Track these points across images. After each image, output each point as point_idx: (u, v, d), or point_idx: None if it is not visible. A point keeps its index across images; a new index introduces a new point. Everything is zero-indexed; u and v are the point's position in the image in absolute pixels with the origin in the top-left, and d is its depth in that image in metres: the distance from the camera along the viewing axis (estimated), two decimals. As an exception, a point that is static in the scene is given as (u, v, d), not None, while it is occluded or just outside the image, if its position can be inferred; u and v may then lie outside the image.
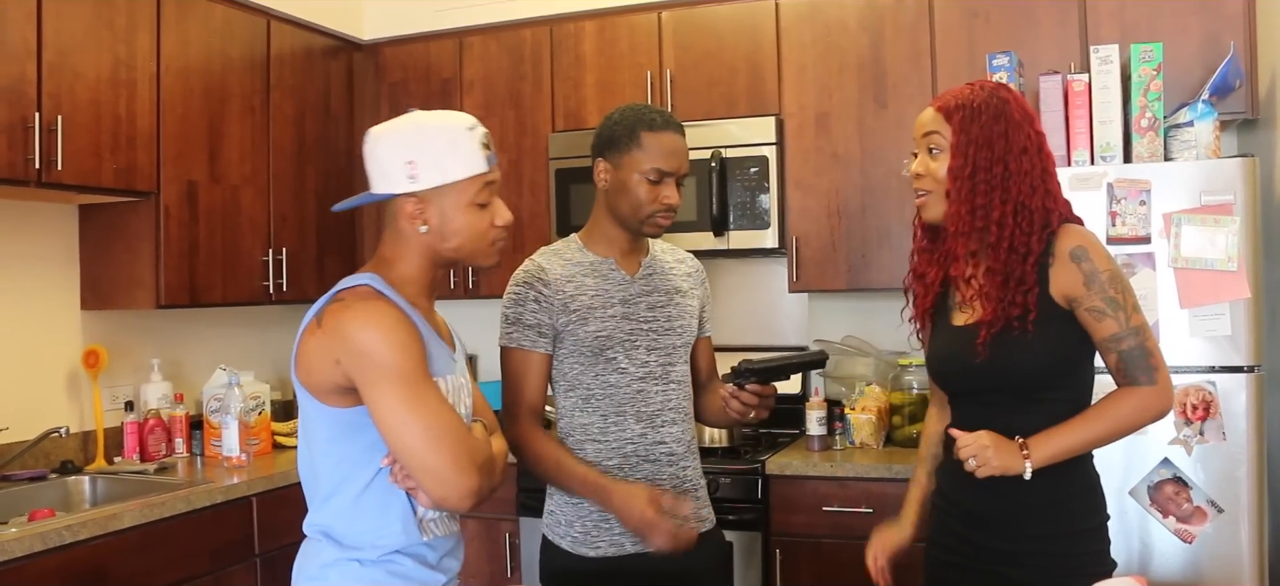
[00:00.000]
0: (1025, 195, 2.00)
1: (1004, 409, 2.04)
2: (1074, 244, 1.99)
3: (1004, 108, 2.02)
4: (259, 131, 3.83)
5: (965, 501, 2.11)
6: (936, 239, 2.15)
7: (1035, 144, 2.04)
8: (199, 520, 3.12)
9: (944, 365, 2.18)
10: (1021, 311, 1.98)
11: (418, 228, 1.83)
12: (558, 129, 4.09)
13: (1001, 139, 2.01)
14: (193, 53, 3.58)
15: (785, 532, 3.45)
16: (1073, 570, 1.97)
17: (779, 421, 3.97)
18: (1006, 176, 1.99)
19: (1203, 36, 3.30)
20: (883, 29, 3.68)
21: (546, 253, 2.38)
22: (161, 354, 3.83)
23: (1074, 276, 1.98)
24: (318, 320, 1.78)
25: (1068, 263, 1.98)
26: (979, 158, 2.00)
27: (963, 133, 2.02)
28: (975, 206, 2.00)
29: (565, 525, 2.33)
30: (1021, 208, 2.00)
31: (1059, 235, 2.01)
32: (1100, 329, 1.98)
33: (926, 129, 2.09)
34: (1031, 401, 2.03)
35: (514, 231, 4.13)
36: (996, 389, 2.05)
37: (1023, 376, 2.01)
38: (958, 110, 2.03)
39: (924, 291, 2.19)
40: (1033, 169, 2.01)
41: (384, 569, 1.82)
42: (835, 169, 3.75)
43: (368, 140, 1.85)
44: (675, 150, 2.30)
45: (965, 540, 2.12)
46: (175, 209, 3.51)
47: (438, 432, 1.71)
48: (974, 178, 2.00)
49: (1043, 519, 2.02)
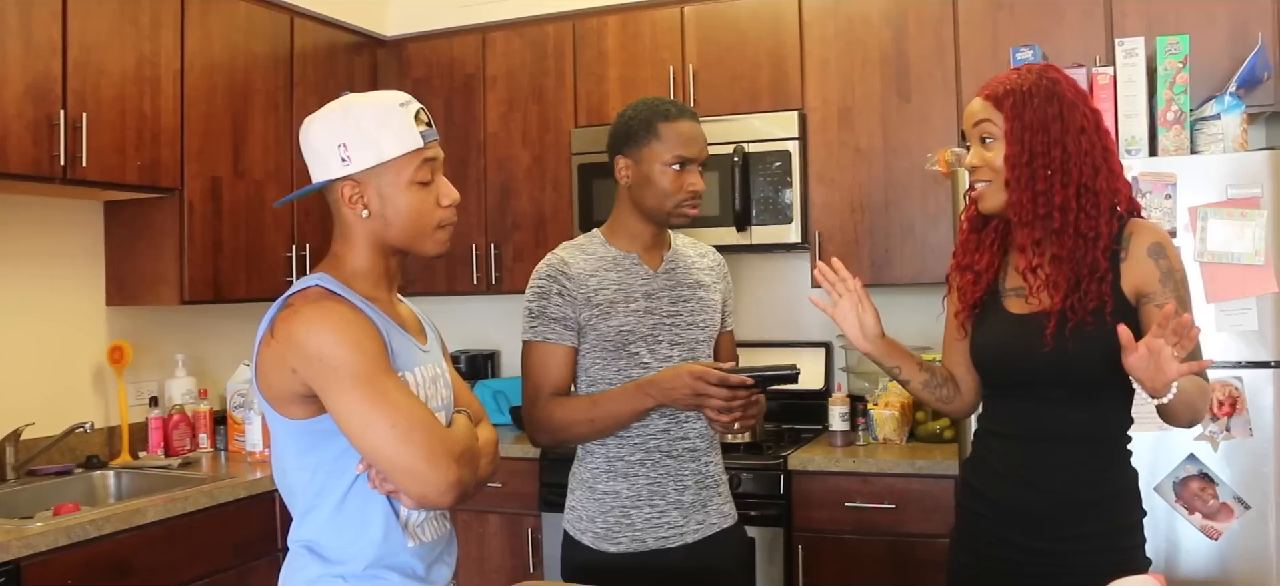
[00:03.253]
0: (1088, 177, 1.92)
1: (1060, 403, 1.97)
2: (1152, 241, 1.93)
3: (1055, 89, 1.95)
4: (283, 127, 3.85)
5: (1005, 500, 2.03)
6: (985, 227, 2.09)
7: (1093, 123, 1.96)
8: (222, 514, 3.14)
9: (1001, 355, 2.06)
10: (1098, 303, 1.91)
11: (359, 213, 1.75)
12: (580, 124, 4.09)
13: (1057, 121, 1.93)
14: (216, 49, 3.60)
15: (808, 528, 3.44)
16: (1114, 567, 1.86)
17: (802, 416, 3.98)
18: (1066, 159, 1.92)
19: (1230, 28, 3.27)
20: (906, 22, 3.66)
21: (569, 247, 2.37)
22: (186, 349, 3.85)
23: (1151, 272, 1.92)
24: (270, 330, 1.70)
25: (1144, 258, 1.92)
26: (1035, 143, 1.93)
27: (1016, 119, 1.94)
28: (1036, 193, 1.93)
29: (587, 520, 2.32)
30: (1085, 190, 1.92)
31: (1134, 231, 1.95)
32: None
33: (977, 118, 2.01)
34: (1088, 397, 1.96)
35: (537, 227, 4.17)
36: (1059, 382, 1.96)
37: (1094, 370, 1.92)
38: (1007, 96, 1.96)
39: (974, 281, 2.10)
40: (1094, 149, 1.94)
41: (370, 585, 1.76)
42: (858, 163, 3.73)
43: (302, 130, 1.79)
44: (694, 136, 2.30)
45: (1002, 541, 2.03)
46: (199, 205, 3.53)
47: (405, 428, 1.63)
48: (1032, 164, 1.93)
49: (1086, 516, 1.95)
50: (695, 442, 2.35)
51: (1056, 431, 1.97)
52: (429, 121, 1.79)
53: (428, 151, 1.76)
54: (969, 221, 2.12)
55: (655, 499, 2.30)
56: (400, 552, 1.77)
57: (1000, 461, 2.04)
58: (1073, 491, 1.95)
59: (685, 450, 2.33)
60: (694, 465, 2.35)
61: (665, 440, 2.31)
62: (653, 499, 2.30)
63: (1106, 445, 1.99)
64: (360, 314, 1.71)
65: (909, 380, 2.18)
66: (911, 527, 3.34)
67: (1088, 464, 1.97)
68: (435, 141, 1.79)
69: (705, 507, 2.35)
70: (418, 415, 1.66)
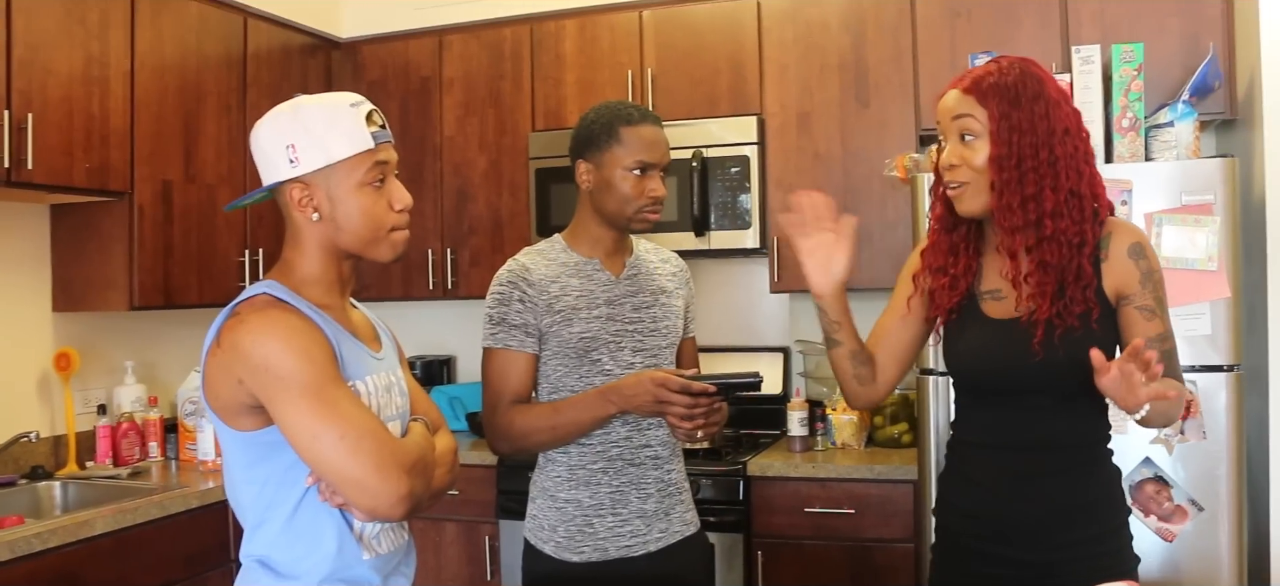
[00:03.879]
0: (1074, 181, 1.84)
1: (1044, 410, 1.91)
2: (1131, 241, 1.88)
3: (1041, 87, 1.85)
4: (236, 130, 3.78)
5: (987, 513, 1.96)
6: (956, 228, 1.99)
7: (1075, 124, 1.88)
8: (174, 525, 3.08)
9: (986, 363, 1.97)
10: (1084, 309, 1.85)
11: (309, 216, 1.71)
12: (538, 128, 4.06)
13: (1044, 121, 1.83)
14: (168, 50, 3.53)
15: (767, 534, 3.44)
16: (1106, 569, 1.83)
17: (760, 421, 3.98)
18: (1054, 162, 1.83)
19: (1182, 37, 3.31)
20: (865, 28, 3.68)
21: (530, 253, 2.35)
22: (135, 356, 3.77)
23: (1131, 273, 1.87)
24: (217, 339, 1.65)
25: (1124, 259, 1.87)
26: (1024, 144, 1.83)
27: (1002, 118, 1.83)
28: (1026, 197, 1.83)
29: (548, 530, 2.30)
30: (1073, 196, 1.84)
31: (1112, 230, 1.89)
32: (1148, 327, 1.85)
33: (955, 112, 1.89)
34: (1071, 403, 1.91)
35: (493, 232, 4.13)
36: (1044, 389, 1.90)
37: (1081, 375, 1.80)
38: (992, 91, 1.85)
39: (950, 285, 1.99)
40: (1077, 152, 1.86)
41: None
42: (817, 169, 3.74)
43: (252, 132, 1.75)
44: (655, 141, 2.27)
45: (992, 557, 1.95)
46: (150, 209, 3.46)
47: (353, 440, 1.58)
48: (1021, 167, 1.83)
49: (1075, 523, 1.90)
50: (658, 450, 2.33)
51: (1042, 439, 1.92)
52: (383, 123, 1.75)
53: (379, 153, 1.73)
54: (939, 222, 2.02)
55: (618, 507, 2.28)
56: (356, 565, 1.73)
57: (983, 473, 1.98)
58: (1062, 499, 1.90)
59: (648, 458, 2.32)
60: (657, 473, 2.33)
61: (628, 448, 2.29)
62: (615, 507, 2.28)
63: (1089, 450, 1.95)
64: (308, 322, 1.67)
65: (841, 343, 2.08)
66: (870, 533, 3.35)
67: (1073, 470, 1.92)
68: (388, 144, 1.75)
69: (668, 515, 2.34)
70: (367, 425, 1.62)
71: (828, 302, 2.06)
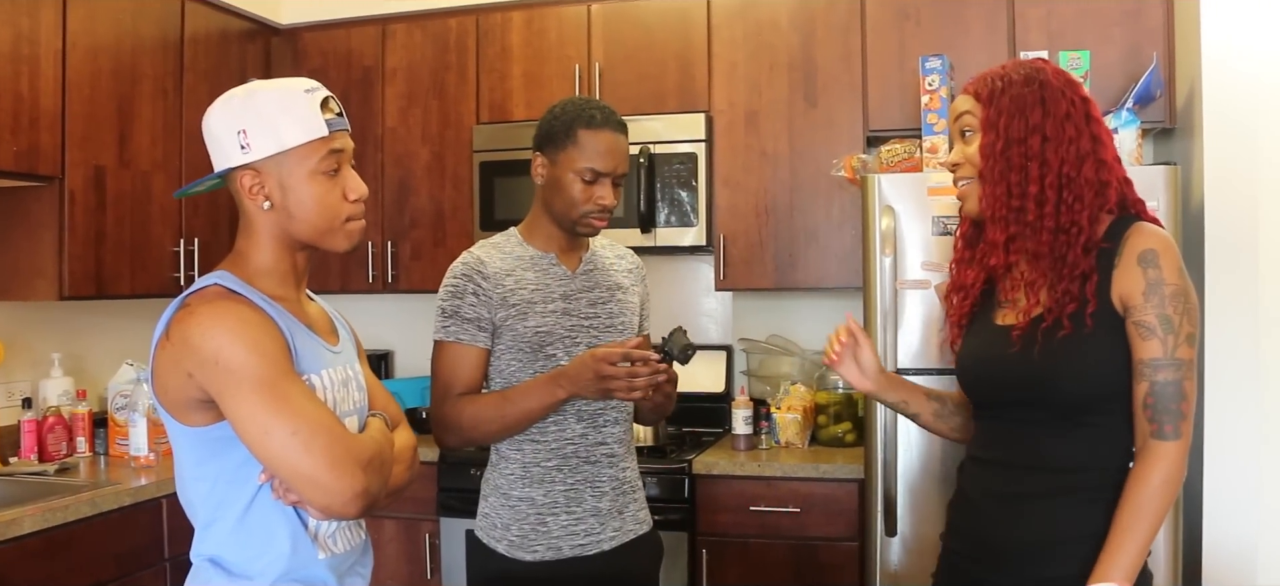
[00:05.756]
0: (1070, 166, 1.74)
1: (1040, 429, 1.78)
2: (1146, 246, 1.71)
3: (1038, 73, 1.79)
4: (172, 116, 3.67)
5: (975, 533, 1.87)
6: (980, 241, 1.90)
7: (1080, 110, 1.78)
8: (105, 524, 2.97)
9: (974, 366, 1.90)
10: (1078, 304, 1.72)
11: (260, 204, 1.67)
12: (483, 121, 4.00)
13: (1036, 106, 1.76)
14: (101, 30, 3.41)
15: (712, 533, 3.44)
16: None
17: (701, 420, 3.97)
18: (1045, 145, 1.74)
19: (1125, 47, 3.38)
20: (814, 28, 3.69)
21: (485, 246, 2.31)
22: (63, 348, 3.65)
23: (1136, 281, 1.70)
24: (166, 332, 1.61)
25: (1134, 264, 1.70)
26: (1012, 129, 1.76)
27: (991, 105, 1.79)
28: (1010, 184, 1.76)
29: (501, 528, 2.26)
30: (1066, 181, 1.74)
31: (1133, 232, 1.73)
32: (1143, 348, 1.69)
33: (958, 112, 1.85)
34: (1072, 423, 1.76)
35: (436, 225, 4.07)
36: (1035, 401, 1.78)
37: (1070, 384, 1.73)
38: (987, 83, 1.81)
39: (962, 298, 1.93)
40: (1080, 136, 1.76)
41: None
42: (764, 167, 3.74)
43: (204, 117, 1.70)
44: (612, 150, 2.24)
45: (973, 580, 1.86)
46: (81, 195, 3.34)
47: (307, 435, 1.54)
48: (1007, 152, 1.76)
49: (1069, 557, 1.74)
50: (613, 447, 2.31)
51: (1034, 459, 1.79)
52: (339, 111, 1.71)
53: (334, 141, 1.68)
54: (963, 238, 1.96)
55: (572, 505, 2.25)
56: (311, 565, 1.69)
57: (974, 487, 1.89)
58: (1052, 527, 1.76)
59: (603, 455, 2.29)
60: (611, 471, 2.31)
61: (583, 445, 2.27)
62: (569, 505, 2.25)
63: (1093, 476, 1.76)
64: (260, 314, 1.63)
65: (918, 413, 2.06)
66: (815, 531, 3.36)
67: (1072, 496, 1.76)
68: (344, 131, 1.71)
69: (622, 514, 2.32)
70: (321, 421, 1.58)
71: (880, 394, 2.07)
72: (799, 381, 3.82)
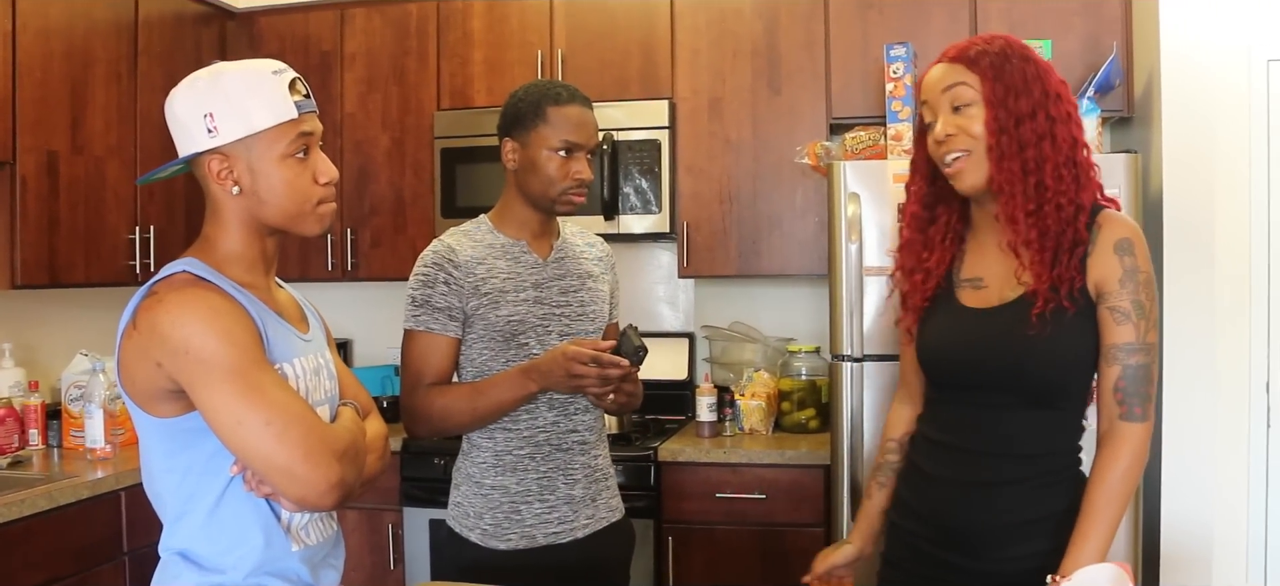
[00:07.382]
0: (1069, 148, 1.75)
1: (1007, 412, 1.79)
2: (1121, 235, 1.74)
3: (1028, 51, 1.77)
4: (126, 100, 3.60)
5: (938, 517, 1.86)
6: (933, 224, 1.91)
7: (1066, 92, 1.79)
8: (62, 518, 2.90)
9: (946, 350, 1.87)
10: (1070, 286, 1.73)
11: (229, 189, 1.63)
12: (444, 107, 3.97)
13: (1037, 82, 1.74)
14: (53, 12, 3.33)
15: (678, 519, 3.44)
16: None
17: (665, 407, 3.97)
18: (1052, 123, 1.73)
19: (1085, 37, 3.42)
20: (778, 16, 3.69)
21: (456, 233, 2.29)
22: (14, 338, 3.56)
23: (1113, 268, 1.72)
24: (133, 320, 1.57)
25: (1109, 252, 1.73)
26: (1020, 106, 1.73)
27: (996, 80, 1.74)
28: (1026, 161, 1.73)
29: (474, 517, 2.25)
30: (1069, 162, 1.74)
31: (1104, 223, 1.75)
32: (1116, 333, 1.72)
33: (946, 83, 1.79)
34: (1038, 408, 1.79)
35: (396, 212, 4.02)
36: (1009, 386, 1.78)
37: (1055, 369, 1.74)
38: (982, 57, 1.76)
39: (924, 280, 1.90)
40: (1070, 118, 1.76)
41: None
42: (727, 154, 3.75)
43: (167, 100, 1.66)
44: (583, 122, 2.24)
45: (937, 562, 1.86)
46: (33, 181, 3.26)
47: (281, 426, 1.51)
48: (1020, 129, 1.72)
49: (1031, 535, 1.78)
50: (585, 435, 2.31)
51: (1005, 443, 1.81)
52: (307, 92, 1.68)
53: (303, 123, 1.65)
54: (913, 220, 1.93)
55: (545, 494, 2.24)
56: (284, 558, 1.67)
57: (935, 469, 1.88)
58: (1018, 510, 1.79)
59: (575, 443, 2.29)
60: (584, 458, 2.30)
61: (555, 433, 2.26)
62: (543, 494, 2.24)
63: (1055, 460, 1.82)
64: (231, 301, 1.59)
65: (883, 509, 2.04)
66: (781, 517, 3.38)
67: (1035, 480, 1.79)
68: (312, 113, 1.68)
69: (595, 501, 2.31)
70: (295, 410, 1.55)
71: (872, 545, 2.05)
72: (762, 368, 3.83)
